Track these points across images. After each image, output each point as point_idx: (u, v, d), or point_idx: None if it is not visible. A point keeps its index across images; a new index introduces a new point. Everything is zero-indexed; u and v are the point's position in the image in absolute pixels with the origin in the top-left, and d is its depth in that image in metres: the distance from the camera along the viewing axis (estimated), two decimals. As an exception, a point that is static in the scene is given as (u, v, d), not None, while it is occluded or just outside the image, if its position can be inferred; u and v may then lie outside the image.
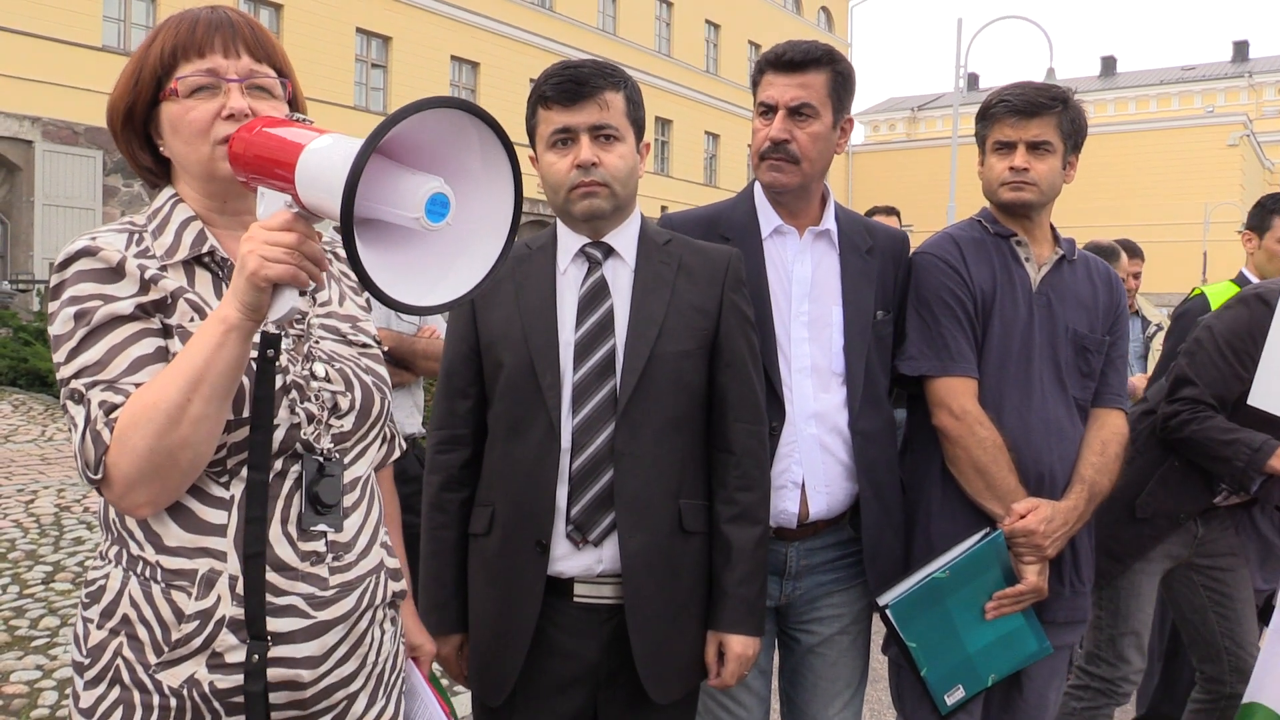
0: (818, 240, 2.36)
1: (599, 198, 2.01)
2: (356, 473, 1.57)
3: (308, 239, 1.28)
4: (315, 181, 1.22)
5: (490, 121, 1.23)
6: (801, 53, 2.26)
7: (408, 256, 1.24)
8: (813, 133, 2.26)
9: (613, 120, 2.00)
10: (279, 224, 1.28)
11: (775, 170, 2.28)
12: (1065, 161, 2.45)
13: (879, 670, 4.41)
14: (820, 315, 2.32)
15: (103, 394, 1.35)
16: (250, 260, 1.27)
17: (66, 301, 1.39)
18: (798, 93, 2.25)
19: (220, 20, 1.49)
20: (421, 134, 1.19)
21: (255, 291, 1.28)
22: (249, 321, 1.30)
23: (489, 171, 1.26)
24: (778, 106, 2.26)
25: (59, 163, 18.52)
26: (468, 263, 1.28)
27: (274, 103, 1.50)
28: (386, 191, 1.20)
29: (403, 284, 1.20)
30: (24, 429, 9.29)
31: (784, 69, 2.26)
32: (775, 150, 2.27)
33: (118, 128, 1.53)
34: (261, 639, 1.41)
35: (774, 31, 36.30)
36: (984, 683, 2.35)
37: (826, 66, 2.26)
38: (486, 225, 1.28)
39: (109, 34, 19.79)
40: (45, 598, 4.87)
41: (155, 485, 1.34)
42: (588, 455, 1.98)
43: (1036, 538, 2.29)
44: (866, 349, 2.31)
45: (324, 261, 1.33)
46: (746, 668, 2.07)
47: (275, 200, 1.31)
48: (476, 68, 27.19)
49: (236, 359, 1.31)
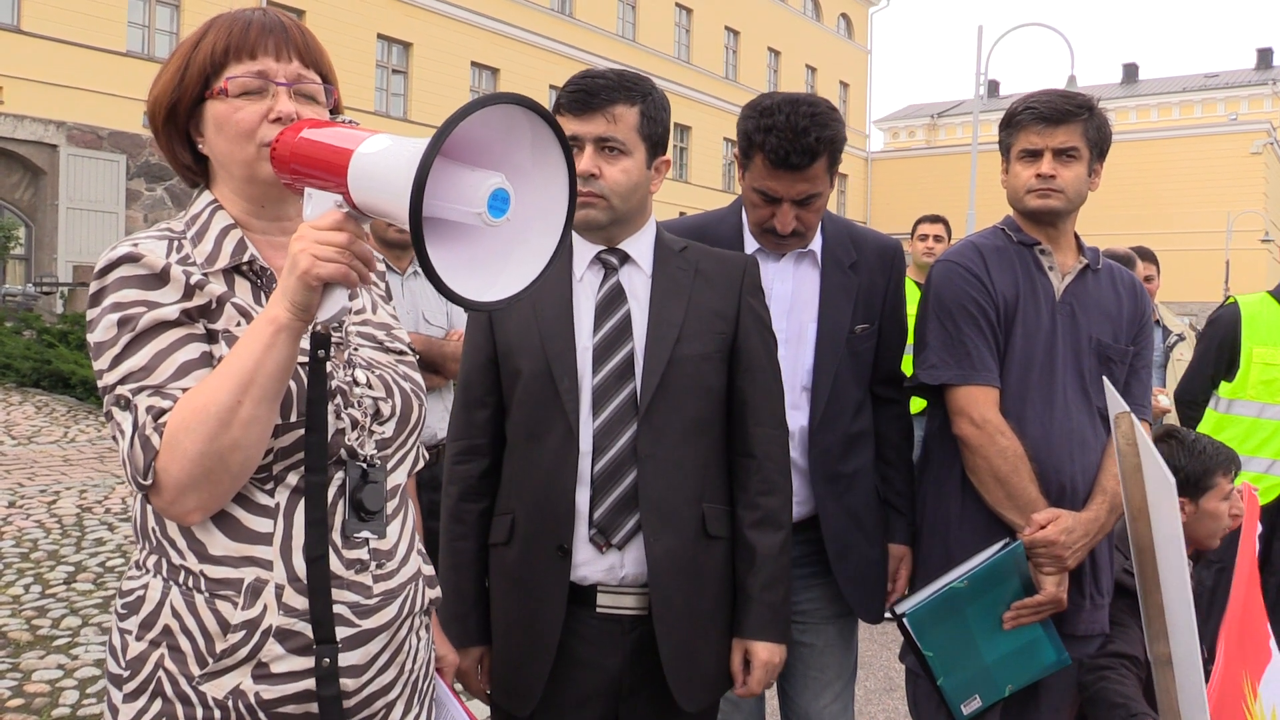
0: (801, 259, 2.41)
1: (595, 209, 2.01)
2: (397, 480, 1.56)
3: (358, 239, 1.29)
4: (373, 182, 1.23)
5: (545, 114, 1.24)
6: (805, 153, 2.21)
7: (467, 253, 1.25)
8: (818, 208, 2.34)
9: (619, 134, 2.00)
10: (330, 223, 1.28)
11: (781, 246, 2.37)
12: (1091, 169, 2.45)
13: (896, 679, 4.39)
14: (796, 332, 2.37)
15: (150, 399, 1.34)
16: (302, 259, 1.26)
17: (109, 308, 1.38)
18: (804, 187, 2.27)
19: (273, 24, 1.48)
20: (475, 131, 1.20)
21: (307, 291, 1.28)
22: (299, 321, 1.30)
23: (539, 165, 1.27)
24: (782, 200, 2.28)
25: (83, 167, 18.68)
26: (523, 256, 1.29)
27: (318, 109, 1.49)
28: (447, 189, 1.21)
29: (465, 280, 1.22)
30: (47, 430, 9.37)
31: (790, 169, 2.23)
32: (782, 232, 2.31)
33: (159, 124, 1.51)
34: (330, 642, 1.40)
35: (794, 38, 36.33)
36: (1001, 693, 2.34)
37: (826, 152, 2.24)
38: (540, 219, 1.29)
39: (133, 39, 19.96)
40: (67, 598, 4.91)
41: (205, 490, 1.33)
42: (610, 457, 1.98)
43: (1057, 548, 2.28)
44: (836, 364, 2.36)
45: (373, 261, 1.33)
46: (773, 675, 2.06)
47: (324, 201, 1.32)
48: (496, 73, 27.28)
49: (286, 359, 1.31)
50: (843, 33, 41.54)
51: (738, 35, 35.81)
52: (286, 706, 1.40)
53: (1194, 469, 2.59)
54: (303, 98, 1.48)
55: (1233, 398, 3.97)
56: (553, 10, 28.97)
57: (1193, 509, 2.58)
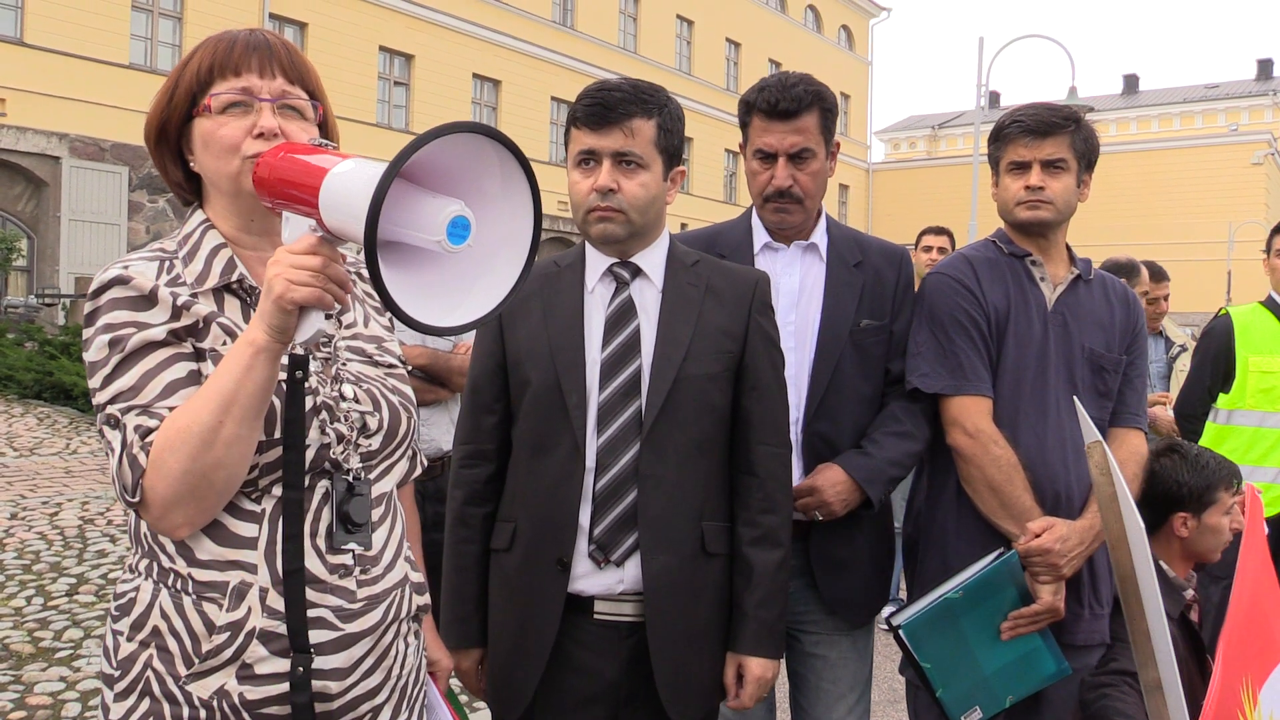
0: (806, 253, 2.44)
1: (614, 223, 2.02)
2: (382, 488, 1.59)
3: (332, 262, 1.31)
4: (339, 206, 1.24)
5: (509, 145, 1.26)
6: (794, 100, 2.32)
7: (430, 278, 1.26)
8: (813, 172, 2.36)
9: (637, 148, 2.01)
10: (304, 248, 1.31)
11: (781, 213, 2.38)
12: (1079, 180, 2.47)
13: (901, 691, 4.39)
14: (805, 325, 2.39)
15: (138, 419, 1.38)
16: (277, 284, 1.29)
17: (101, 329, 1.43)
18: (795, 139, 2.33)
19: (258, 42, 1.53)
20: (441, 158, 1.21)
21: (282, 314, 1.31)
22: (277, 344, 1.33)
23: (508, 193, 1.29)
24: (777, 154, 2.34)
25: (85, 178, 18.72)
26: (489, 283, 1.30)
27: (304, 124, 1.53)
28: (408, 215, 1.22)
29: (424, 304, 1.23)
30: (49, 442, 9.38)
31: (779, 118, 2.33)
32: (780, 195, 2.35)
33: (152, 142, 1.56)
34: (304, 651, 1.44)
35: (795, 50, 36.38)
36: (1002, 704, 2.34)
37: (816, 106, 2.35)
38: (507, 246, 1.30)
39: (136, 52, 20.03)
40: (69, 609, 4.92)
41: (191, 506, 1.38)
42: (611, 476, 1.99)
43: (1052, 557, 2.28)
44: (838, 355, 2.37)
45: (349, 284, 1.35)
46: (765, 690, 2.07)
47: (300, 224, 1.34)
48: (498, 85, 27.34)
49: (266, 380, 1.34)
50: (843, 44, 41.63)
51: (739, 47, 35.91)
52: (270, 707, 1.44)
53: (1196, 483, 2.58)
54: (289, 112, 1.52)
55: (1232, 409, 3.97)
56: (554, 22, 29.05)
57: (1195, 524, 2.58)
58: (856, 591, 2.41)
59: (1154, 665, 2.04)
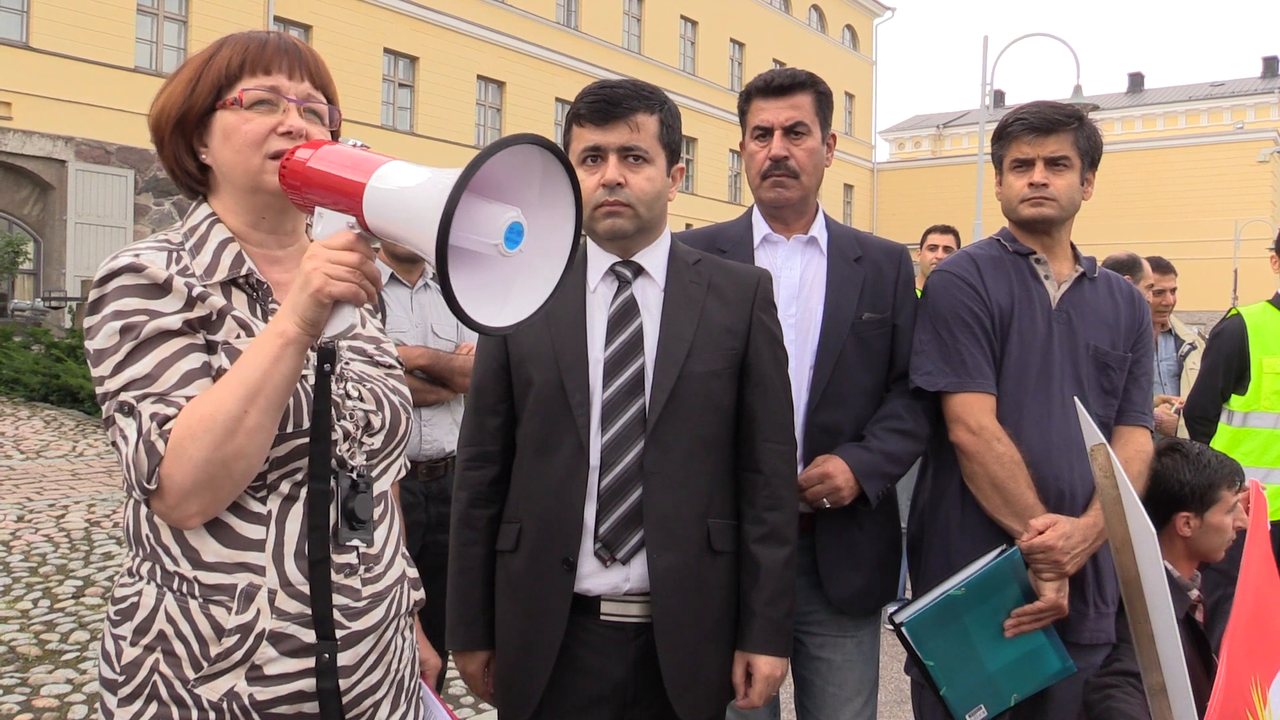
0: (807, 247, 2.46)
1: (622, 218, 2.03)
2: (381, 487, 1.61)
3: (368, 259, 1.35)
4: (392, 208, 1.29)
5: (556, 152, 1.31)
6: (787, 77, 2.44)
7: (479, 279, 1.31)
8: (808, 148, 2.42)
9: (643, 142, 2.02)
10: (342, 243, 1.34)
11: (779, 186, 2.41)
12: (1083, 178, 2.47)
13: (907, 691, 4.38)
14: (806, 317, 2.41)
15: (154, 406, 1.38)
16: (315, 277, 1.32)
17: (110, 316, 1.42)
18: (791, 113, 2.40)
19: (288, 45, 1.56)
20: (494, 167, 1.27)
21: (318, 307, 1.34)
22: (306, 336, 1.36)
23: (545, 200, 1.35)
24: (773, 128, 2.41)
25: (91, 182, 18.78)
26: (530, 284, 1.36)
27: (322, 128, 1.56)
28: (467, 221, 1.27)
29: (479, 306, 1.29)
30: (55, 444, 9.41)
31: (774, 94, 2.42)
32: (777, 168, 2.40)
33: (166, 133, 1.55)
34: (330, 639, 1.45)
35: (798, 50, 36.35)
36: (1007, 702, 2.34)
37: (810, 89, 2.44)
38: (546, 248, 1.36)
39: (141, 55, 20.07)
40: (75, 612, 4.93)
41: (208, 495, 1.38)
42: (616, 473, 1.99)
43: (1055, 554, 2.28)
44: (840, 346, 2.38)
45: (380, 281, 1.39)
46: (774, 689, 2.07)
47: (336, 221, 1.37)
48: (503, 87, 27.37)
49: (292, 372, 1.36)
50: (848, 44, 41.60)
51: (743, 47, 35.89)
52: (280, 707, 1.45)
53: (1199, 483, 2.57)
54: (310, 115, 1.55)
55: (1248, 410, 3.93)
56: (558, 23, 29.06)
57: (1198, 523, 2.57)
58: (862, 589, 2.41)
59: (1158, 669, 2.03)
